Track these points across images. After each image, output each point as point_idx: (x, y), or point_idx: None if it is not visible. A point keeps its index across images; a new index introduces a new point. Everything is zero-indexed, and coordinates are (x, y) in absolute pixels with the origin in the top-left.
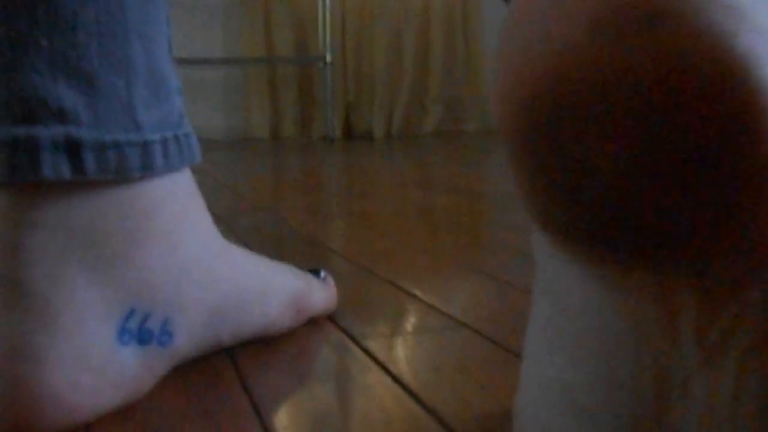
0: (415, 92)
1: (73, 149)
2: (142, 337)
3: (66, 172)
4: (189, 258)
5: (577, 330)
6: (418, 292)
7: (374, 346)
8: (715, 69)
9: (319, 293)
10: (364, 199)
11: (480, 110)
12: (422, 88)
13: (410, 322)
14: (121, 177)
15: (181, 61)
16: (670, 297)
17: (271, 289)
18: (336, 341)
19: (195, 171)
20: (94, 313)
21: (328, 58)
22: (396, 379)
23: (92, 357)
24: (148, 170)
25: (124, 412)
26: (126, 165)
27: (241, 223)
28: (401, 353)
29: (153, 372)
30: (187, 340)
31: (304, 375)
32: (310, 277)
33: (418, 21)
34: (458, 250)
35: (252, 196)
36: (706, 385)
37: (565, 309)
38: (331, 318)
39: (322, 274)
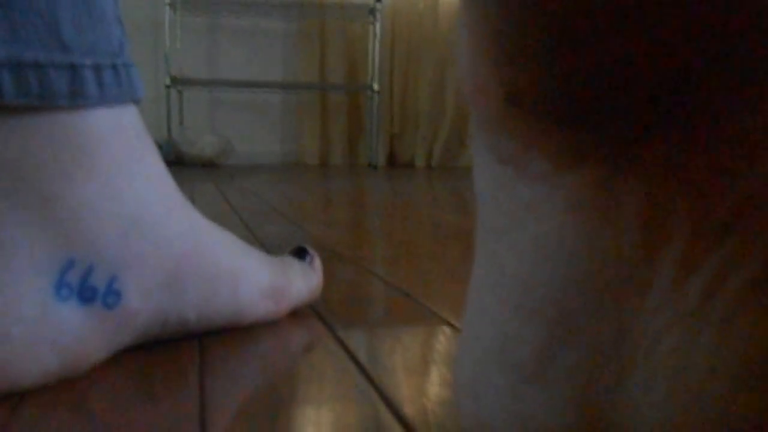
0: (455, 127)
1: None
2: (84, 294)
3: None
4: (137, 206)
5: (529, 272)
6: (429, 303)
7: (357, 347)
8: None
9: (301, 282)
10: (401, 220)
11: None
12: (462, 124)
13: (396, 317)
14: (47, 103)
15: (243, 84)
16: (656, 223)
17: (244, 274)
18: (329, 348)
19: (243, 192)
20: (27, 257)
21: (376, 87)
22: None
23: (25, 307)
24: (78, 98)
25: (61, 386)
26: (50, 89)
27: (266, 230)
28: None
29: (99, 336)
30: (140, 304)
31: (273, 373)
32: (291, 263)
33: None
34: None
35: (284, 210)
36: (677, 353)
37: (515, 247)
38: (322, 317)
39: (308, 256)
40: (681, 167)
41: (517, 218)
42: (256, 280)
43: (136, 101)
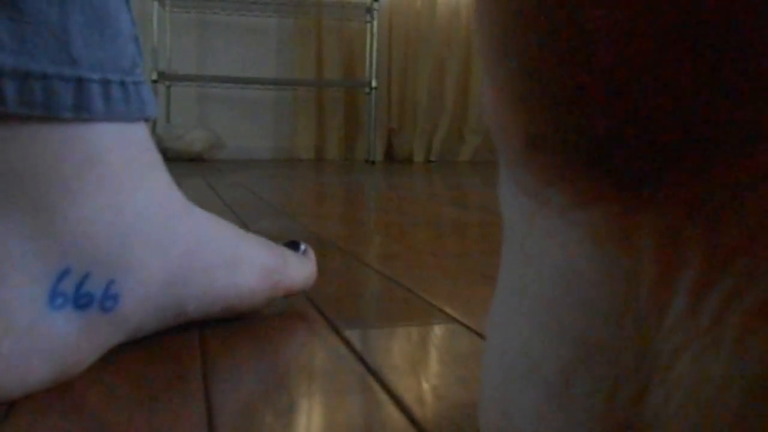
0: (455, 122)
1: None
2: (80, 301)
3: None
4: (138, 215)
5: (553, 295)
6: (426, 295)
7: (362, 346)
8: None
9: (297, 268)
10: (398, 213)
11: None
12: (461, 119)
13: (398, 314)
14: (51, 114)
15: (237, 80)
16: (670, 252)
17: (242, 259)
18: (331, 344)
19: (238, 187)
20: (20, 269)
21: (374, 84)
22: (376, 378)
23: (16, 319)
24: (83, 111)
25: (58, 390)
26: (55, 101)
27: (260, 224)
28: (385, 349)
29: (95, 341)
30: (138, 306)
31: (277, 371)
32: (286, 250)
33: (460, 52)
34: (476, 259)
35: (281, 204)
36: (694, 368)
37: (540, 271)
38: (323, 313)
39: (302, 247)
40: (694, 201)
41: (540, 246)
42: (253, 263)
43: (147, 119)
